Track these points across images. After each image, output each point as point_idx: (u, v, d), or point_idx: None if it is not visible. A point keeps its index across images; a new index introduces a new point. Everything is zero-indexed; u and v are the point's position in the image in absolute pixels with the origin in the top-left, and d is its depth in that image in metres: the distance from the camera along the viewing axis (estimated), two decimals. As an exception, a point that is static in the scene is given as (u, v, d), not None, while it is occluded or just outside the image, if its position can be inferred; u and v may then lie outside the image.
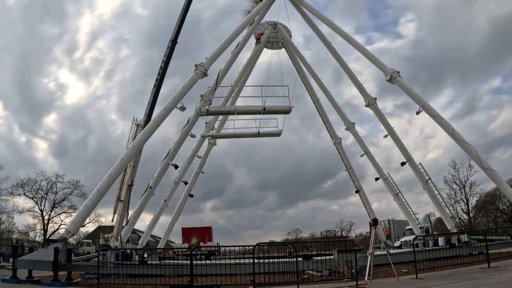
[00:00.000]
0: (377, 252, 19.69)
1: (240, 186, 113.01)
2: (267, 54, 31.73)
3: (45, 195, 53.25)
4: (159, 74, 25.26)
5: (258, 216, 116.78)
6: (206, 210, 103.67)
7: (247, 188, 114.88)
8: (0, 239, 55.22)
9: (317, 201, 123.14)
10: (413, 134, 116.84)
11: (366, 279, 13.36)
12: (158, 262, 19.51)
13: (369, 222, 32.52)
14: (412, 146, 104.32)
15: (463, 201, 53.54)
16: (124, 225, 24.11)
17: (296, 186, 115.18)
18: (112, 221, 25.40)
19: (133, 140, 23.62)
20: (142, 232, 33.08)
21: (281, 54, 31.71)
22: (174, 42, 25.37)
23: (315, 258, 18.15)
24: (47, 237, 49.34)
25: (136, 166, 24.89)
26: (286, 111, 21.12)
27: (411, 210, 31.63)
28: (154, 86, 25.26)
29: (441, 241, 22.95)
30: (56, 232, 52.38)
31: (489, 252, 15.68)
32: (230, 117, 24.97)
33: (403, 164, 27.04)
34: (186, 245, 34.35)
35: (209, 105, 23.18)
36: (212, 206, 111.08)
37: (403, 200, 30.94)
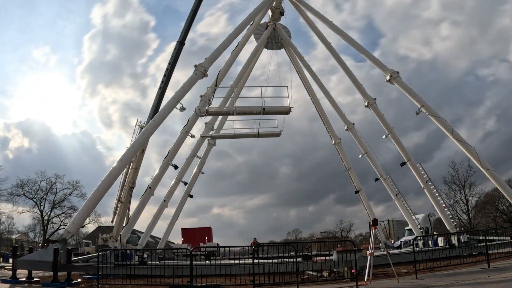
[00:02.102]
0: (377, 253, 19.67)
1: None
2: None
3: (45, 196, 53.26)
4: (165, 76, 25.02)
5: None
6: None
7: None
8: (0, 239, 55.19)
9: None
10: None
11: (366, 280, 13.35)
12: (157, 262, 19.50)
13: (369, 223, 32.53)
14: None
15: (462, 201, 53.63)
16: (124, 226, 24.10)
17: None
18: (112, 222, 25.37)
19: None
20: (142, 232, 33.06)
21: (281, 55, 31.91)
22: (181, 44, 25.09)
23: (315, 258, 18.13)
24: (46, 237, 49.25)
25: (138, 168, 24.79)
26: (286, 112, 21.11)
27: (411, 211, 31.65)
28: (160, 88, 24.98)
29: (440, 241, 22.93)
30: (55, 233, 52.39)
31: (488, 252, 15.70)
32: (230, 117, 24.96)
33: (402, 164, 27.03)
34: (186, 245, 34.37)
35: (209, 105, 23.17)
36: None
37: (403, 200, 30.97)
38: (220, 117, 28.92)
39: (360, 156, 32.04)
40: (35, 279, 15.93)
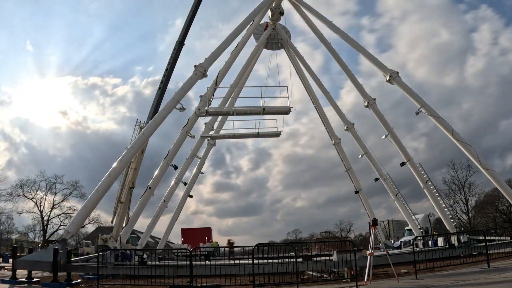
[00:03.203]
0: (377, 253, 19.64)
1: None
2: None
3: (45, 196, 53.25)
4: (164, 76, 24.95)
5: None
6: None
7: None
8: (0, 239, 55.14)
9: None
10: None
11: (365, 280, 13.35)
12: (157, 262, 19.48)
13: (369, 223, 32.55)
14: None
15: (462, 201, 53.63)
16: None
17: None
18: (112, 222, 25.35)
19: None
20: (142, 232, 33.04)
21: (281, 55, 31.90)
22: (181, 44, 25.02)
23: (315, 258, 18.13)
24: (46, 237, 49.22)
25: (138, 169, 24.76)
26: (286, 112, 21.10)
27: (411, 211, 31.66)
28: (159, 88, 24.93)
29: (440, 241, 22.93)
30: (55, 233, 52.40)
31: (488, 252, 15.70)
32: (230, 117, 24.96)
33: (402, 164, 27.02)
34: (186, 245, 34.32)
35: (209, 105, 23.16)
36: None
37: (403, 200, 30.98)
38: (220, 117, 28.95)
39: (360, 156, 32.08)
40: (34, 279, 15.93)
